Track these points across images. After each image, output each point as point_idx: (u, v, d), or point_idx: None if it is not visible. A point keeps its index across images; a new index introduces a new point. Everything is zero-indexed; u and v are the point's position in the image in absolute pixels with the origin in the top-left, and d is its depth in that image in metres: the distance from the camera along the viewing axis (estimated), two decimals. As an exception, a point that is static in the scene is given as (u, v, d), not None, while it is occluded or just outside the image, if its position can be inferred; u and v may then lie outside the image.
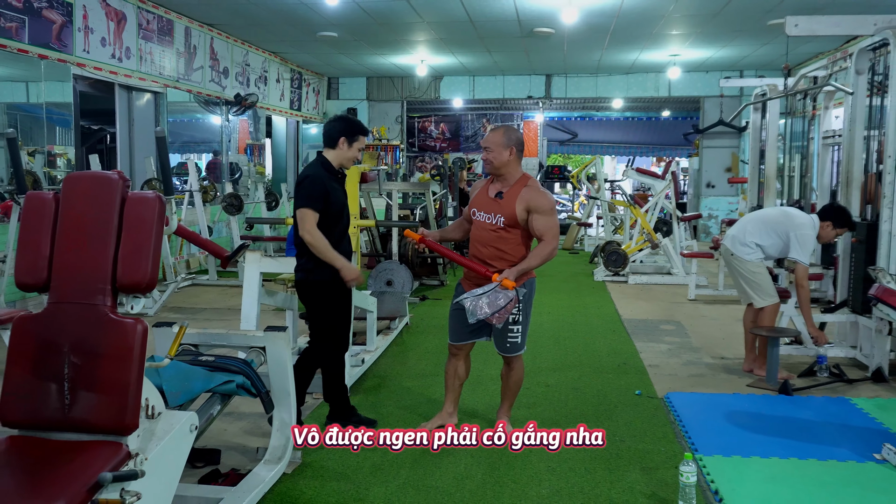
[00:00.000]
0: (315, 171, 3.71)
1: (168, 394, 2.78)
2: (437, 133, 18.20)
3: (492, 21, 10.06)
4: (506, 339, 3.66)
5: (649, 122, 19.03)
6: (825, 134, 6.93)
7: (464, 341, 3.77)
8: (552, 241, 3.54)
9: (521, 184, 3.61)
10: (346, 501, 3.09)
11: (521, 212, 3.54)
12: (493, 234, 3.60)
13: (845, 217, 4.79)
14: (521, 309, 3.62)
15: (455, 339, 3.78)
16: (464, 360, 3.86)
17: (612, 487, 3.23)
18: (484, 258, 3.62)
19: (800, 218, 4.83)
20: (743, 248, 4.91)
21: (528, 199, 3.55)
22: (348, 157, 3.76)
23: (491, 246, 3.60)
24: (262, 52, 12.45)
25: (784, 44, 10.30)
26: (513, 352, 3.70)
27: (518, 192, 3.57)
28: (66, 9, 7.54)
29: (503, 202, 3.59)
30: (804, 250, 4.72)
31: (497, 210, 3.59)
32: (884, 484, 3.28)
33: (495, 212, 3.60)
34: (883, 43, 4.85)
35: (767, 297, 4.90)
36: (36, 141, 7.41)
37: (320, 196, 3.60)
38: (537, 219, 3.54)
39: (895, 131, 4.71)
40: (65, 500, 2.01)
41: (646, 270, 9.54)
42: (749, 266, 4.90)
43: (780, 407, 4.35)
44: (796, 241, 4.72)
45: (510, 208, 3.55)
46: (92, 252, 2.30)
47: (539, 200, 3.56)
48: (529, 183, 3.62)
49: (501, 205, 3.59)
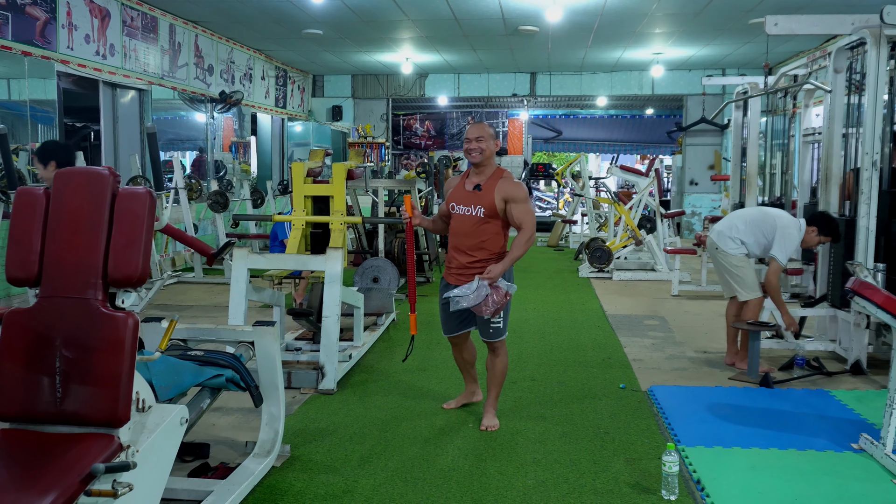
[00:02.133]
0: None
1: (158, 388, 2.79)
2: (423, 131, 18.23)
3: (477, 19, 10.11)
4: (489, 324, 3.82)
5: (633, 120, 19.16)
6: (805, 131, 7.02)
7: (455, 332, 3.97)
8: (530, 228, 3.71)
9: (497, 176, 3.78)
10: (334, 493, 3.13)
11: (499, 202, 3.71)
12: (474, 226, 3.76)
13: (832, 226, 4.89)
14: None
15: (447, 331, 3.99)
16: (465, 347, 4.10)
17: (597, 478, 3.28)
18: (465, 249, 3.78)
19: (786, 219, 4.95)
20: (729, 242, 5.00)
21: (506, 189, 3.72)
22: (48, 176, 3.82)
23: (472, 236, 3.76)
24: (247, 49, 12.43)
25: (765, 42, 10.43)
26: (496, 337, 3.85)
27: (496, 184, 3.74)
28: (49, 5, 7.50)
29: (482, 194, 3.74)
30: (785, 249, 4.82)
31: (476, 202, 3.74)
32: (860, 472, 3.36)
33: (475, 203, 3.75)
34: (860, 42, 4.94)
35: (751, 291, 4.99)
36: (19, 138, 7.36)
37: None
38: (515, 208, 3.71)
39: (872, 129, 4.80)
40: (58, 491, 2.03)
41: (630, 267, 9.63)
42: (733, 260, 4.99)
43: (761, 399, 4.43)
44: (780, 238, 4.83)
45: (489, 199, 3.71)
46: (83, 246, 2.32)
47: (515, 191, 3.73)
48: (505, 175, 3.80)
49: (480, 196, 3.74)
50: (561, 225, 13.19)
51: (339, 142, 16.15)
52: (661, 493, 3.09)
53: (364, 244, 8.16)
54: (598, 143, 19.56)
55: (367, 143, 15.44)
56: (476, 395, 4.24)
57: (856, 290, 3.45)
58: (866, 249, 4.80)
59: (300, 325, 5.49)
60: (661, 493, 3.09)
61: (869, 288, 3.42)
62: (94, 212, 2.34)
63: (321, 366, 4.45)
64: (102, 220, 2.33)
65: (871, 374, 4.89)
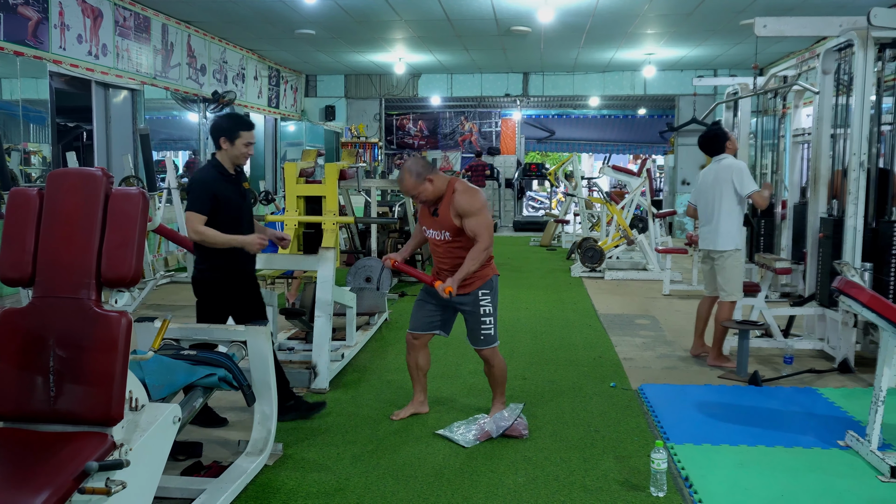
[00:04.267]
0: (202, 174, 3.76)
1: (151, 387, 2.82)
2: (416, 130, 18.25)
3: (469, 19, 10.14)
4: (479, 331, 3.83)
5: (625, 120, 19.22)
6: (795, 132, 7.07)
7: (420, 331, 3.97)
8: (485, 240, 3.69)
9: (448, 193, 3.75)
10: (326, 492, 3.16)
11: (455, 220, 3.72)
12: (447, 248, 3.81)
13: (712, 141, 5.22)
14: (490, 301, 3.84)
15: (413, 327, 3.98)
16: (422, 352, 4.04)
17: (587, 475, 3.32)
18: (447, 269, 3.82)
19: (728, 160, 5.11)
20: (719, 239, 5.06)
21: (457, 205, 3.71)
22: (235, 154, 3.74)
23: (448, 257, 3.80)
24: (240, 49, 12.43)
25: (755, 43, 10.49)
26: (487, 343, 3.85)
27: (449, 203, 3.73)
28: (41, 5, 7.50)
29: (441, 218, 3.77)
30: (750, 180, 5.03)
31: (439, 227, 3.78)
32: (846, 469, 3.41)
33: (439, 228, 3.79)
34: (848, 44, 4.99)
35: (735, 294, 5.07)
36: (11, 138, 7.35)
37: (207, 198, 3.63)
38: (468, 221, 3.70)
39: (860, 130, 4.85)
40: (52, 488, 2.06)
41: (622, 266, 9.67)
42: (730, 262, 5.05)
43: (750, 397, 4.48)
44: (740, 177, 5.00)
45: (447, 221, 3.74)
46: (76, 247, 2.35)
47: (465, 203, 3.70)
48: (456, 187, 3.75)
49: (440, 221, 3.77)
50: (553, 225, 13.24)
51: (332, 142, 16.15)
52: (650, 490, 3.13)
53: (357, 244, 8.18)
54: (591, 142, 19.60)
55: (360, 143, 15.45)
56: (424, 407, 4.12)
57: (842, 290, 3.49)
58: (853, 249, 4.85)
59: (293, 325, 5.51)
60: (650, 490, 3.13)
61: (854, 287, 3.46)
62: (87, 212, 2.37)
63: (314, 365, 4.48)
64: (96, 221, 2.36)
65: (858, 372, 4.95)
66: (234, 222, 3.72)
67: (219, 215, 3.65)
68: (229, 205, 3.70)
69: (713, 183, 5.11)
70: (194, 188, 3.69)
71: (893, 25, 4.68)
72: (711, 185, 5.13)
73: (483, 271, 3.81)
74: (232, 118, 3.81)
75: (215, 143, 3.75)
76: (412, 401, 4.13)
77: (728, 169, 5.07)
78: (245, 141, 3.72)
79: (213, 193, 3.64)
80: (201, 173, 3.78)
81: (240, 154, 3.74)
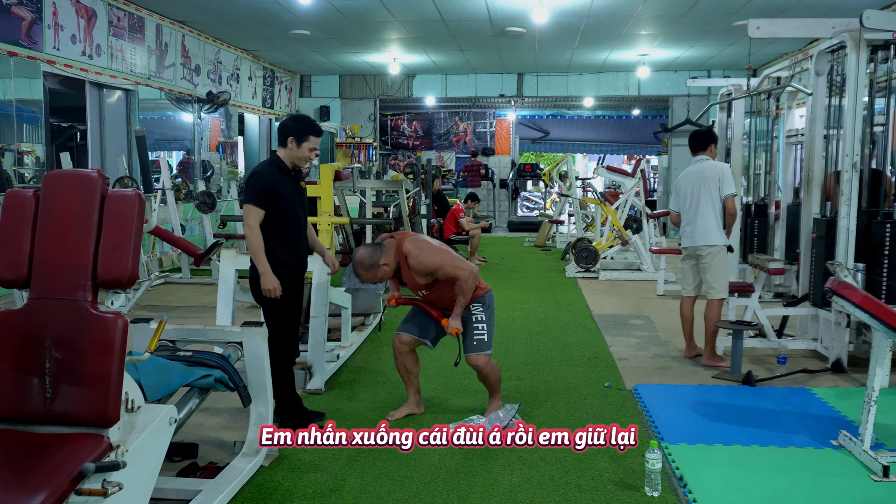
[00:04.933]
0: (262, 169, 3.84)
1: (147, 388, 2.81)
2: (410, 131, 18.26)
3: (464, 20, 10.15)
4: (472, 337, 3.86)
5: (619, 121, 19.26)
6: (788, 133, 7.10)
7: (411, 335, 3.99)
8: (463, 274, 3.75)
9: (402, 262, 3.82)
10: (322, 492, 3.16)
11: (422, 278, 3.81)
12: (433, 296, 3.92)
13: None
14: (483, 310, 3.89)
15: (404, 330, 4.01)
16: (409, 356, 4.05)
17: (582, 475, 3.33)
18: (444, 306, 3.93)
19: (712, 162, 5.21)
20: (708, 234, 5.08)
21: (415, 270, 3.78)
22: (298, 156, 3.82)
23: (439, 300, 3.92)
24: (235, 49, 12.41)
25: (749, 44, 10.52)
26: (480, 350, 3.86)
27: (408, 270, 3.81)
28: (35, 5, 7.48)
29: (410, 283, 3.89)
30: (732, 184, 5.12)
31: (414, 287, 3.91)
32: (839, 468, 3.43)
33: (414, 288, 3.92)
34: (841, 46, 5.02)
35: (723, 291, 5.11)
36: (4, 139, 7.34)
37: (264, 192, 3.70)
38: (437, 273, 3.78)
39: (852, 131, 4.87)
40: (49, 490, 2.06)
41: (616, 267, 9.70)
42: (717, 259, 5.07)
43: (744, 397, 4.50)
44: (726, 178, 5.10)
45: (416, 282, 3.85)
46: (72, 248, 2.35)
47: (420, 264, 3.77)
48: (406, 252, 3.79)
49: (412, 284, 3.89)
50: (548, 225, 13.26)
51: (327, 142, 16.15)
52: (645, 489, 3.14)
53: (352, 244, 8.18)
54: (585, 143, 19.65)
55: (355, 144, 15.45)
56: (419, 408, 4.12)
57: (835, 290, 3.51)
58: (846, 249, 4.88)
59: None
60: (645, 489, 3.14)
61: (847, 287, 3.48)
62: (83, 214, 2.36)
63: (309, 366, 4.48)
64: (92, 223, 2.36)
65: (851, 372, 4.97)
66: (289, 218, 3.82)
67: (276, 209, 3.74)
68: (285, 200, 3.78)
69: (698, 182, 5.15)
70: (252, 182, 3.79)
71: (886, 28, 4.70)
72: (696, 184, 5.17)
73: (474, 294, 3.88)
74: (304, 121, 3.86)
75: (281, 140, 3.83)
76: (407, 402, 4.14)
77: (715, 168, 5.15)
78: (311, 146, 3.81)
79: (271, 188, 3.72)
80: (260, 167, 3.88)
81: (303, 157, 3.83)
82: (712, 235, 5.09)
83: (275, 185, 3.73)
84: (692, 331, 5.39)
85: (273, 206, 3.72)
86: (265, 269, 3.71)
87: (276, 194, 3.72)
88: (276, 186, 3.73)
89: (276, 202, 3.73)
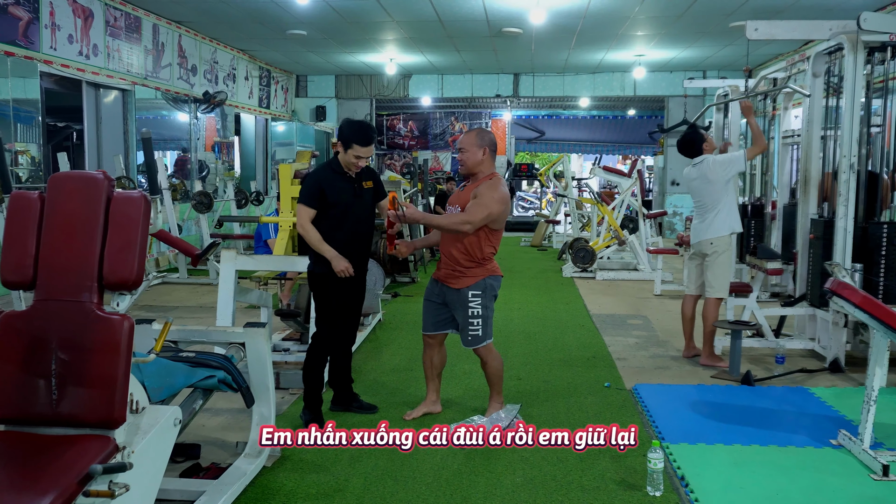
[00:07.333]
0: (317, 170, 3.97)
1: (150, 389, 2.81)
2: (406, 131, 18.26)
3: (460, 21, 10.16)
4: (468, 332, 3.85)
5: (615, 121, 19.30)
6: (785, 133, 7.13)
7: (431, 332, 4.00)
8: (471, 215, 3.70)
9: (484, 179, 3.82)
10: (325, 493, 3.17)
11: (470, 199, 3.76)
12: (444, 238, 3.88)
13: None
14: (481, 303, 3.83)
15: (424, 328, 4.03)
16: (437, 350, 4.06)
17: (584, 475, 3.34)
18: (448, 249, 3.86)
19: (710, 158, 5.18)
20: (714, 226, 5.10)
21: (479, 188, 3.77)
22: (346, 161, 3.88)
23: (450, 238, 3.83)
24: (231, 49, 12.40)
25: (745, 45, 10.57)
26: (475, 343, 3.87)
27: (477, 185, 3.79)
28: (32, 5, 7.46)
29: (463, 193, 3.84)
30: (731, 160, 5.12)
31: (457, 201, 3.85)
32: (839, 468, 3.45)
33: (456, 203, 3.85)
34: (838, 47, 5.04)
35: (722, 291, 5.13)
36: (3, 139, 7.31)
37: (316, 193, 3.80)
38: (473, 202, 3.74)
39: (850, 132, 4.90)
40: (57, 492, 2.06)
41: (613, 267, 9.73)
42: (722, 259, 5.09)
43: (743, 397, 4.52)
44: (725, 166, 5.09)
45: (465, 197, 3.80)
46: (78, 250, 2.34)
47: (485, 190, 3.75)
48: (492, 177, 3.82)
49: (461, 196, 3.85)
50: (544, 225, 13.28)
51: (323, 142, 16.15)
52: (647, 489, 3.16)
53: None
54: (581, 143, 19.69)
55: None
56: (436, 407, 4.12)
57: (834, 291, 3.53)
58: (844, 250, 4.90)
59: (287, 326, 5.51)
60: (647, 489, 3.16)
61: (847, 288, 3.50)
62: (88, 216, 2.36)
63: (309, 366, 4.47)
64: (97, 224, 2.36)
65: (849, 372, 5.00)
66: (341, 219, 3.87)
67: (329, 210, 3.82)
68: (338, 202, 3.84)
69: (701, 181, 5.16)
70: (306, 182, 3.91)
71: (882, 30, 4.73)
72: (700, 183, 5.18)
73: (474, 270, 3.81)
74: (355, 129, 3.87)
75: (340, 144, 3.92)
76: (424, 400, 4.15)
77: (715, 170, 5.12)
78: (356, 153, 3.84)
79: (322, 189, 3.80)
80: (316, 169, 4.01)
81: (349, 162, 3.87)
82: (718, 227, 5.10)
83: (326, 187, 3.81)
84: (692, 330, 5.41)
85: (326, 207, 3.82)
86: (332, 255, 3.80)
87: (327, 195, 3.80)
88: (327, 188, 3.81)
89: (329, 203, 3.82)
